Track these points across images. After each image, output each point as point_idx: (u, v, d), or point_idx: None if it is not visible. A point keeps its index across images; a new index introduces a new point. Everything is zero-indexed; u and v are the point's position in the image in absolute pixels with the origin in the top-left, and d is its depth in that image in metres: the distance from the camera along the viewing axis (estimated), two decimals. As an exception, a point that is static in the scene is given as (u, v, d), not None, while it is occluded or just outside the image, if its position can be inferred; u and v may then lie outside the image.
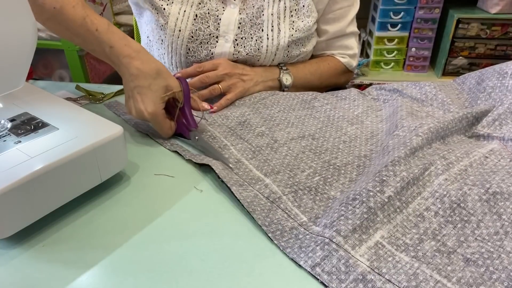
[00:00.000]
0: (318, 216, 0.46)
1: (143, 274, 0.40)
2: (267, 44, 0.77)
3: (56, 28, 0.61)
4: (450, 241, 0.42)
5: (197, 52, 0.77)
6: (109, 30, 0.59)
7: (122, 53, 0.58)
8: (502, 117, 0.59)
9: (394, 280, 0.37)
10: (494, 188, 0.46)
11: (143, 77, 0.57)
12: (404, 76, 1.96)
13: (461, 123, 0.60)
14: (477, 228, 0.43)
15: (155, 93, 0.58)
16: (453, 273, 0.38)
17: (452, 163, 0.51)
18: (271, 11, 0.76)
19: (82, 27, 0.58)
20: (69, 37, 0.61)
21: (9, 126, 0.50)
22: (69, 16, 0.58)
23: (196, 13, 0.74)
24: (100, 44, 0.59)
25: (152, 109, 0.57)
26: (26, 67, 0.48)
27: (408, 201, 0.46)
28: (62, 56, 1.82)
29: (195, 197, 0.51)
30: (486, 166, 0.52)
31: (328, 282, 0.37)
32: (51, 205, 0.45)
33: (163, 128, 0.60)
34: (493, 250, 0.41)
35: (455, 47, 1.85)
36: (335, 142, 0.61)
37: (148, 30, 0.82)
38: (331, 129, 0.64)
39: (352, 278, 0.38)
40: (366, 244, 0.41)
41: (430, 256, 0.40)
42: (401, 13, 1.85)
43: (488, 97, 0.64)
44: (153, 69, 0.58)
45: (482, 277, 0.38)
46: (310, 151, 0.58)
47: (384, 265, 0.39)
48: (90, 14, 0.59)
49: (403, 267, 0.39)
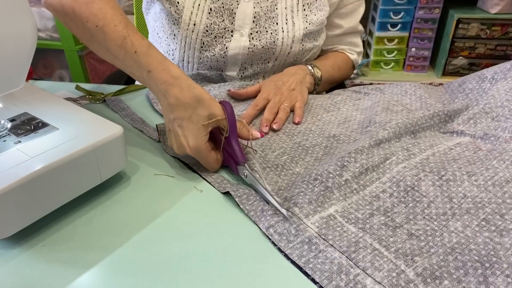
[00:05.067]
0: (280, 189, 0.51)
1: (143, 274, 0.40)
2: (283, 37, 0.77)
3: (98, 49, 0.57)
4: (399, 218, 0.45)
5: (211, 46, 0.76)
6: (148, 53, 0.53)
7: (159, 79, 0.52)
8: (477, 116, 0.62)
9: (336, 245, 0.42)
10: (448, 176, 0.49)
11: (183, 108, 0.51)
12: (404, 76, 1.96)
13: (432, 120, 0.62)
14: (427, 208, 0.46)
15: (196, 124, 0.51)
16: (393, 244, 0.42)
17: (415, 154, 0.54)
18: (284, 4, 0.77)
19: (121, 48, 0.54)
20: (111, 59, 0.57)
21: (9, 126, 0.50)
22: (109, 35, 0.54)
23: (210, 6, 0.74)
24: (138, 68, 0.54)
25: (194, 144, 0.51)
26: (26, 67, 0.48)
27: (366, 185, 0.50)
28: (62, 56, 1.82)
29: (195, 197, 0.50)
30: (449, 155, 0.54)
31: (278, 242, 0.42)
32: (51, 205, 0.45)
33: (209, 162, 0.53)
34: (437, 228, 0.44)
35: (455, 47, 1.85)
36: (309, 126, 0.65)
37: (157, 26, 0.81)
38: (308, 114, 0.70)
39: (299, 240, 0.42)
40: (319, 215, 0.46)
41: (377, 228, 0.44)
42: (401, 13, 1.85)
43: (465, 97, 0.68)
44: (193, 97, 0.51)
45: (420, 249, 0.41)
46: (284, 133, 0.63)
47: (331, 233, 0.43)
48: (132, 35, 0.54)
49: (348, 236, 0.43)
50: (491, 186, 0.47)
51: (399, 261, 0.40)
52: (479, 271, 0.39)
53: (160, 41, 0.82)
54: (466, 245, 0.41)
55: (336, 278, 0.38)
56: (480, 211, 0.45)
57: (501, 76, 0.65)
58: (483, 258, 0.40)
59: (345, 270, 0.39)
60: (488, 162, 0.51)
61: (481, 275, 0.38)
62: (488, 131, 0.59)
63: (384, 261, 0.40)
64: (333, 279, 0.38)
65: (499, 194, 0.46)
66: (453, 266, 0.39)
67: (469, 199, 0.46)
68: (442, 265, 0.39)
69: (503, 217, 0.44)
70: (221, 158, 0.55)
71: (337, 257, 0.40)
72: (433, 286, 0.37)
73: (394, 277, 0.38)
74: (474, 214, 0.45)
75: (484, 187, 0.47)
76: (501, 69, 0.66)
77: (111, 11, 0.55)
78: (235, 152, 0.52)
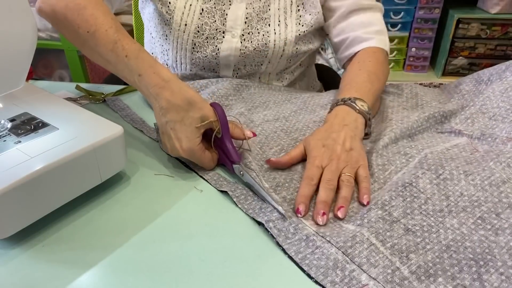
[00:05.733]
0: (279, 185, 0.51)
1: (143, 274, 0.40)
2: (275, 39, 0.75)
3: (91, 54, 0.58)
4: (396, 212, 0.46)
5: (203, 47, 0.76)
6: (139, 56, 0.53)
7: (150, 82, 0.52)
8: (474, 116, 0.62)
9: (333, 241, 0.42)
10: (445, 175, 0.50)
11: (174, 110, 0.51)
12: (404, 76, 1.96)
13: (428, 122, 0.63)
14: (424, 204, 0.46)
15: (188, 127, 0.51)
16: (389, 239, 0.42)
17: (413, 156, 0.55)
18: (277, 5, 0.76)
19: (113, 52, 0.54)
20: (104, 64, 0.57)
21: (9, 126, 0.50)
22: (101, 40, 0.54)
23: (202, 7, 0.73)
24: (130, 72, 0.54)
25: (187, 146, 0.51)
26: (26, 67, 0.48)
27: None
28: (62, 56, 1.82)
29: (195, 197, 0.51)
30: (447, 155, 0.55)
31: (276, 236, 0.43)
32: (51, 205, 0.45)
33: (204, 162, 0.54)
34: (433, 224, 0.44)
35: (455, 47, 1.85)
36: (306, 122, 0.65)
37: (151, 26, 0.81)
38: (305, 112, 0.68)
39: (297, 238, 0.43)
40: None
41: (374, 221, 0.44)
42: (401, 13, 1.85)
43: (461, 97, 0.68)
44: (184, 99, 0.51)
45: (416, 246, 0.42)
46: (281, 131, 0.63)
47: (328, 231, 0.44)
48: (122, 39, 0.54)
49: (345, 232, 0.43)
50: (487, 185, 0.48)
51: (394, 258, 0.40)
52: (473, 268, 0.39)
53: (153, 41, 0.82)
54: (462, 242, 0.42)
55: (331, 273, 0.39)
56: (476, 210, 0.45)
57: (497, 77, 0.65)
58: (478, 256, 0.40)
59: (341, 265, 0.40)
60: (485, 163, 0.51)
61: (476, 272, 0.39)
62: (486, 130, 0.59)
63: (380, 257, 0.40)
64: (329, 274, 0.39)
65: (495, 193, 0.47)
66: (448, 263, 0.40)
67: (466, 197, 0.47)
68: (437, 262, 0.40)
69: (499, 216, 0.44)
70: (216, 156, 0.55)
71: (333, 252, 0.41)
72: (428, 283, 0.38)
73: (389, 274, 0.39)
74: (470, 212, 0.45)
75: (481, 187, 0.47)
76: (496, 71, 0.67)
77: (102, 16, 0.56)
78: (229, 152, 0.53)
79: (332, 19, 0.79)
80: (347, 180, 0.50)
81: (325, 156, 0.53)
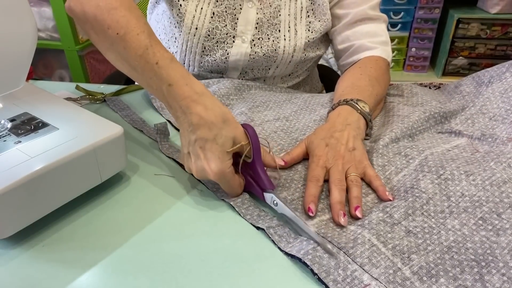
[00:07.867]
0: (279, 185, 0.51)
1: (143, 274, 0.40)
2: (284, 45, 0.75)
3: (116, 58, 0.54)
4: (397, 213, 0.45)
5: (212, 51, 0.75)
6: (171, 65, 0.49)
7: (181, 94, 0.47)
8: (475, 116, 0.63)
9: (334, 242, 0.42)
10: (446, 175, 0.50)
11: (207, 127, 0.46)
12: (404, 76, 1.96)
13: (428, 122, 0.63)
14: (426, 204, 0.46)
15: (221, 147, 0.46)
16: (391, 240, 0.42)
17: (413, 157, 0.54)
18: (287, 11, 0.75)
19: (142, 58, 0.49)
20: (128, 71, 0.53)
21: (9, 126, 0.50)
22: (131, 43, 0.50)
23: (213, 11, 0.73)
24: (158, 81, 0.49)
25: (218, 168, 0.46)
26: (26, 67, 0.48)
27: (369, 193, 0.50)
28: (62, 56, 1.82)
29: (195, 197, 0.51)
30: (448, 156, 0.55)
31: (278, 242, 0.43)
32: (51, 205, 0.45)
33: (233, 187, 0.48)
34: (434, 226, 0.44)
35: (455, 47, 1.85)
36: (306, 122, 0.65)
37: (159, 28, 0.81)
38: (306, 111, 0.68)
39: (298, 240, 0.43)
40: (319, 218, 0.46)
41: (375, 223, 0.44)
42: (401, 13, 1.85)
43: (461, 98, 0.68)
44: (219, 116, 0.46)
45: (417, 247, 0.42)
46: (281, 130, 0.62)
47: (330, 232, 0.44)
48: (155, 45, 0.50)
49: (347, 234, 0.44)
50: (488, 185, 0.48)
51: (396, 259, 0.40)
52: (475, 269, 0.39)
53: None
54: (463, 243, 0.42)
55: (333, 272, 0.39)
56: (478, 210, 0.45)
57: (497, 79, 0.66)
58: (480, 256, 0.40)
59: (343, 265, 0.40)
60: (486, 163, 0.51)
61: (477, 273, 0.39)
62: (486, 131, 0.59)
63: (382, 258, 0.40)
64: (331, 273, 0.39)
65: (496, 193, 0.47)
66: (450, 264, 0.40)
67: (467, 197, 0.47)
68: (439, 263, 0.40)
69: (500, 216, 0.44)
70: (243, 182, 0.50)
71: (334, 252, 0.41)
72: (429, 283, 0.38)
73: (390, 274, 0.39)
74: (472, 212, 0.45)
75: (482, 187, 0.47)
76: (497, 73, 0.67)
77: (134, 20, 0.52)
78: (261, 179, 0.48)
79: (338, 26, 0.79)
80: (356, 180, 0.50)
81: (329, 156, 0.52)
